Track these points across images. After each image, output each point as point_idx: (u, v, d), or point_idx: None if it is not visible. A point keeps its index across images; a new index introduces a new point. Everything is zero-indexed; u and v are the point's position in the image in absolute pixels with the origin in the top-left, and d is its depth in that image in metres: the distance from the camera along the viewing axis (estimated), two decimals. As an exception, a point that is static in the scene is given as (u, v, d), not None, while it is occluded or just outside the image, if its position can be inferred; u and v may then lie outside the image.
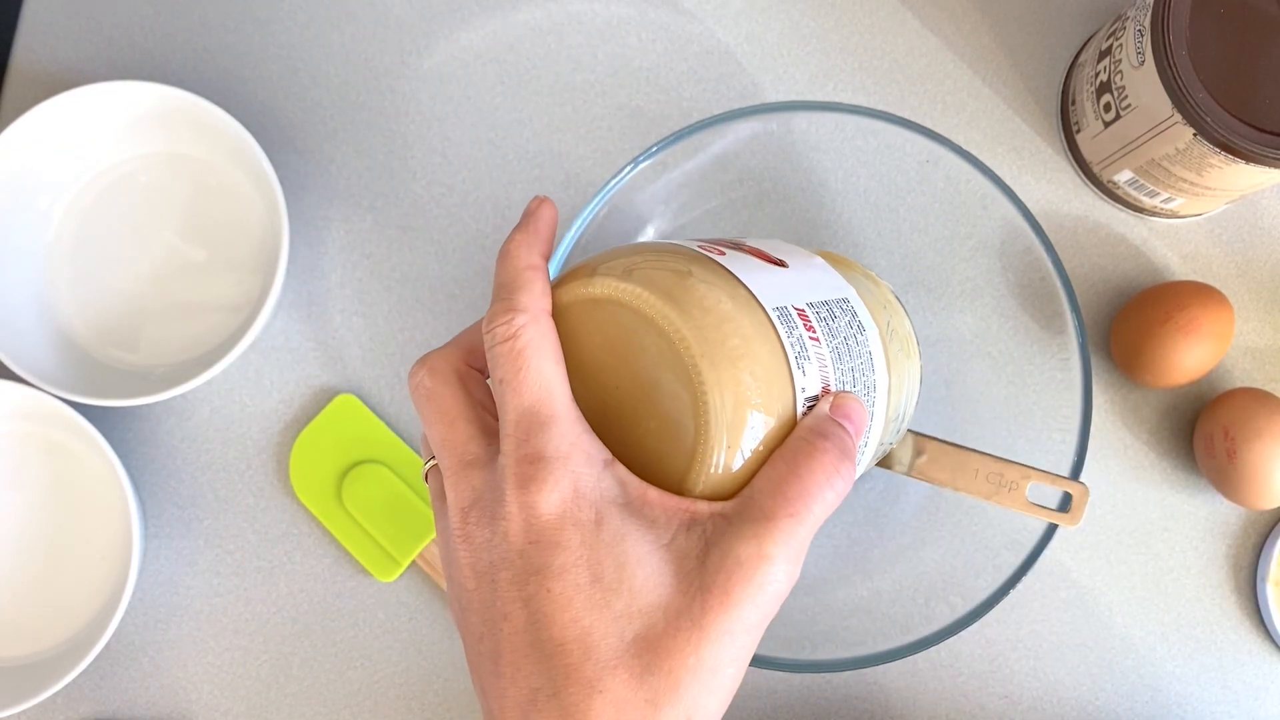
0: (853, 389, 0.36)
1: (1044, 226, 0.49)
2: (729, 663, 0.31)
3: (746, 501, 0.32)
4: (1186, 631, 0.57)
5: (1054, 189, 0.59)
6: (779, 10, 0.60)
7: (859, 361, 0.37)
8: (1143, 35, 0.49)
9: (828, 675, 0.56)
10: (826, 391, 0.34)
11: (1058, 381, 0.49)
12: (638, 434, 0.33)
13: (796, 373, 0.33)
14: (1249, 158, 0.47)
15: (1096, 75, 0.54)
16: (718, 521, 0.31)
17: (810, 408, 0.34)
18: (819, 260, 0.41)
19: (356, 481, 0.57)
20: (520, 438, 0.32)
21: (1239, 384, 0.58)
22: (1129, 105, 0.51)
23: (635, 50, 0.60)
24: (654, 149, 0.48)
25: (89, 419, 0.54)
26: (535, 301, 0.33)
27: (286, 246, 0.54)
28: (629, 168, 0.48)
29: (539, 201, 0.36)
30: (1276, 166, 0.47)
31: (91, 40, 0.60)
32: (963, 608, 0.48)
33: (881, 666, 0.51)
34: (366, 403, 0.58)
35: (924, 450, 0.48)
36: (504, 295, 0.34)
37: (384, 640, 0.57)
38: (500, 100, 0.60)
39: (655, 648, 0.30)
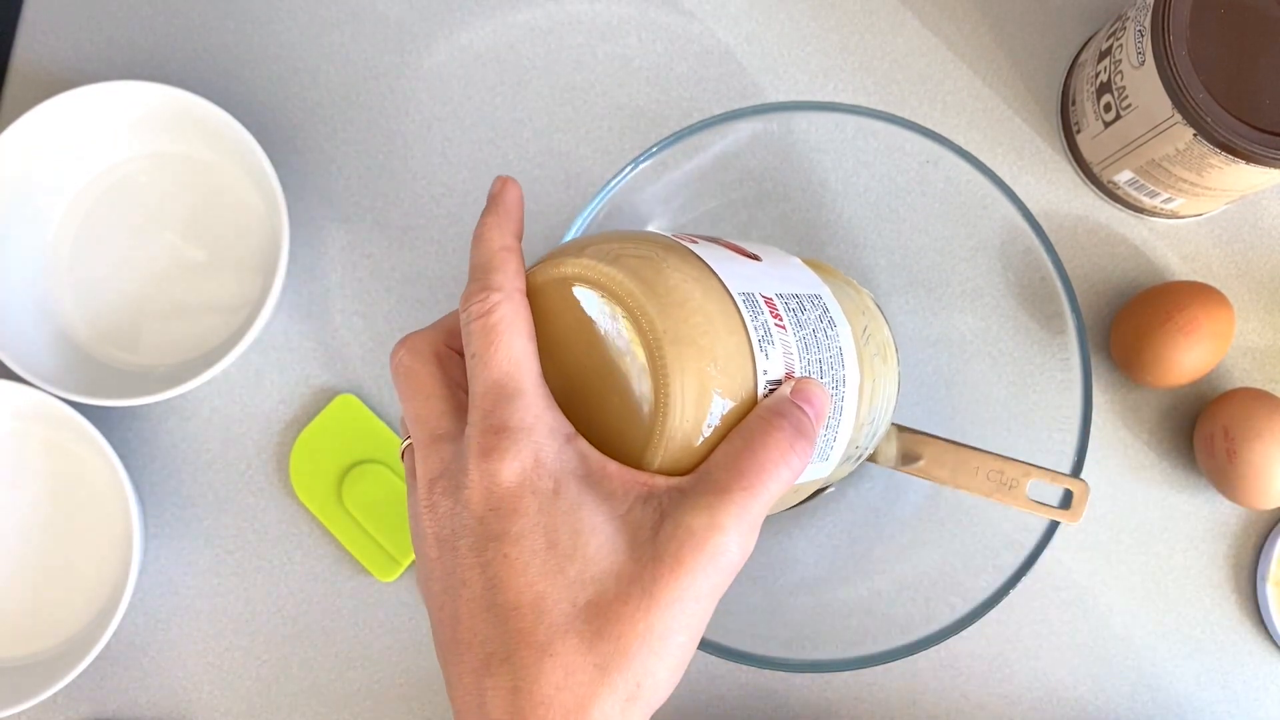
0: (820, 379, 0.37)
1: (1044, 227, 0.49)
2: (679, 630, 0.31)
3: (702, 476, 0.32)
4: (1186, 631, 0.57)
5: (1054, 189, 0.59)
6: (779, 10, 0.60)
7: (828, 354, 0.37)
8: (1143, 35, 0.49)
9: (828, 675, 0.56)
10: (790, 377, 0.35)
11: (1058, 381, 0.49)
12: (602, 410, 0.34)
13: (759, 356, 0.34)
14: (1249, 158, 0.47)
15: (1096, 75, 0.54)
16: (673, 495, 0.32)
17: (772, 391, 0.34)
18: (795, 260, 0.42)
19: (356, 481, 0.57)
20: (486, 409, 0.32)
21: (1239, 384, 0.58)
22: (1129, 105, 0.51)
23: (635, 50, 0.60)
24: (654, 149, 0.48)
25: (89, 419, 0.54)
26: (510, 280, 0.34)
27: (286, 246, 0.54)
28: (629, 168, 0.48)
29: (502, 182, 0.37)
30: (1276, 166, 0.47)
31: (91, 40, 0.60)
32: (963, 608, 0.48)
33: (881, 666, 0.51)
34: (366, 403, 0.58)
35: (924, 448, 0.48)
36: (479, 275, 0.34)
37: (384, 640, 0.57)
38: (500, 100, 0.60)
39: (606, 614, 0.31)
